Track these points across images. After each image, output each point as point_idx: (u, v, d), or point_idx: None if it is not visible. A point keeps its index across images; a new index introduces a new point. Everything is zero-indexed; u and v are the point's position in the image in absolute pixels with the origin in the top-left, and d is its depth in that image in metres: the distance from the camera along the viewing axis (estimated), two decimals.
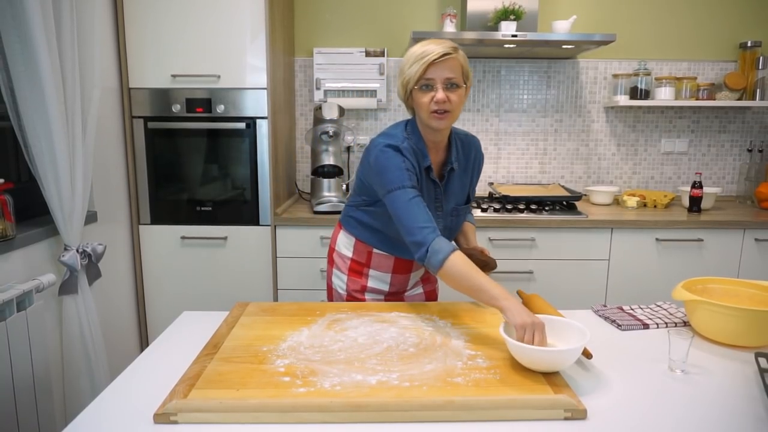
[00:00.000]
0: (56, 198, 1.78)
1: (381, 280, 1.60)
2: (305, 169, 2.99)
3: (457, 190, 1.54)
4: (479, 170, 1.62)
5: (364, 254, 1.59)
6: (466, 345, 1.21)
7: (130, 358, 1.52)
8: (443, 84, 1.35)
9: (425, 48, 1.35)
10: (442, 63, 1.34)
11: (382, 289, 1.61)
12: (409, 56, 1.38)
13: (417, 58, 1.35)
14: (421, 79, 1.35)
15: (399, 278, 1.60)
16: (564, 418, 0.97)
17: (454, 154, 1.50)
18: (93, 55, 1.92)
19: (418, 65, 1.34)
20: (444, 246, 1.28)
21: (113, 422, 0.96)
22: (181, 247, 2.47)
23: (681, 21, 2.91)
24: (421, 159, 1.44)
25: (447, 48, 1.34)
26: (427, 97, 1.36)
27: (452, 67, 1.35)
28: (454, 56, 1.35)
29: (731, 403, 1.03)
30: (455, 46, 1.37)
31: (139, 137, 2.42)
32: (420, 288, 1.68)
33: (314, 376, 1.06)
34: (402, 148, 1.40)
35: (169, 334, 1.34)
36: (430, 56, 1.33)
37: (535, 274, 2.48)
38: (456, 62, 1.36)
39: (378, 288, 1.60)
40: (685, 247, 2.47)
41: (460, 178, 1.54)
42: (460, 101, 1.38)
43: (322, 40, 2.89)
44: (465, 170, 1.56)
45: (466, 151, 1.55)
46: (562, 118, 2.99)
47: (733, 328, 1.25)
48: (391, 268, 1.59)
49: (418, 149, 1.44)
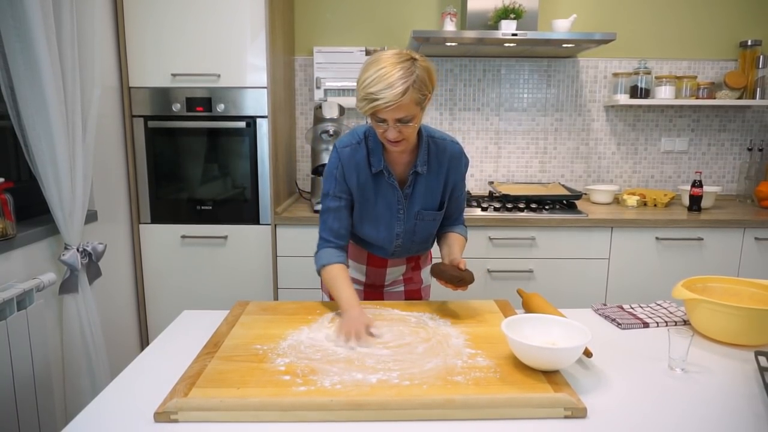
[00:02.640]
0: (56, 197, 1.78)
1: (358, 270, 1.65)
2: (305, 168, 2.99)
3: (425, 195, 1.49)
4: (459, 177, 1.53)
5: None
6: (466, 344, 1.21)
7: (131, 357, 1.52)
8: (394, 123, 1.29)
9: (374, 86, 1.24)
10: (390, 110, 1.26)
11: (359, 279, 1.66)
12: (360, 85, 1.28)
13: (365, 96, 1.26)
14: (372, 115, 1.30)
15: (374, 271, 1.63)
16: (564, 417, 0.97)
17: (422, 157, 1.45)
18: (93, 55, 1.92)
19: (367, 106, 1.27)
20: (324, 257, 1.47)
21: (114, 421, 0.96)
22: (181, 246, 2.47)
23: (681, 20, 2.91)
24: (375, 162, 1.44)
25: (395, 95, 1.23)
26: (380, 129, 1.33)
27: (403, 109, 1.26)
28: (403, 101, 1.24)
29: (731, 402, 1.03)
30: (408, 83, 1.24)
31: (140, 136, 2.42)
32: (401, 286, 1.67)
33: (314, 375, 1.06)
34: (343, 152, 1.45)
35: (169, 333, 1.35)
36: (377, 104, 1.24)
37: (535, 273, 2.48)
38: (407, 105, 1.26)
39: (355, 278, 1.65)
40: (685, 246, 2.47)
41: (428, 182, 1.48)
42: (414, 129, 1.35)
43: (322, 39, 2.89)
44: (436, 175, 1.49)
45: (439, 156, 1.48)
46: (562, 117, 2.99)
47: (733, 326, 1.25)
48: (365, 260, 1.63)
49: (374, 152, 1.44)
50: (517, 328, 1.15)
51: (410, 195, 1.49)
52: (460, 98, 2.96)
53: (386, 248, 1.55)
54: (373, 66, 1.27)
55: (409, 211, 1.50)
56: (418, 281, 1.69)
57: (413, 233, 1.54)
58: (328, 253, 1.47)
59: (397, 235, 1.52)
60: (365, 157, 1.45)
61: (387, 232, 1.51)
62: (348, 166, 1.45)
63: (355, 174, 1.45)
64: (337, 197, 1.47)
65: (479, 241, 2.45)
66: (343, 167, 1.45)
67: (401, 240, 1.54)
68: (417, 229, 1.53)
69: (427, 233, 1.56)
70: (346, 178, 1.46)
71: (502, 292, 2.43)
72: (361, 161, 1.45)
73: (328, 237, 1.49)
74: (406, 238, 1.54)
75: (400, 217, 1.50)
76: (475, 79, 2.94)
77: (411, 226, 1.52)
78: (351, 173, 1.45)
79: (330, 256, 1.46)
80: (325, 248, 1.49)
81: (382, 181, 1.46)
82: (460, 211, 1.62)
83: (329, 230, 1.49)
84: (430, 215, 1.52)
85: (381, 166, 1.44)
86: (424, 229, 1.54)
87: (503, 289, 2.47)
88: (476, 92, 2.96)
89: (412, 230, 1.53)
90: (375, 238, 1.53)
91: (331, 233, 1.49)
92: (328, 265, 1.45)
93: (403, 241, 1.54)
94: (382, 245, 1.55)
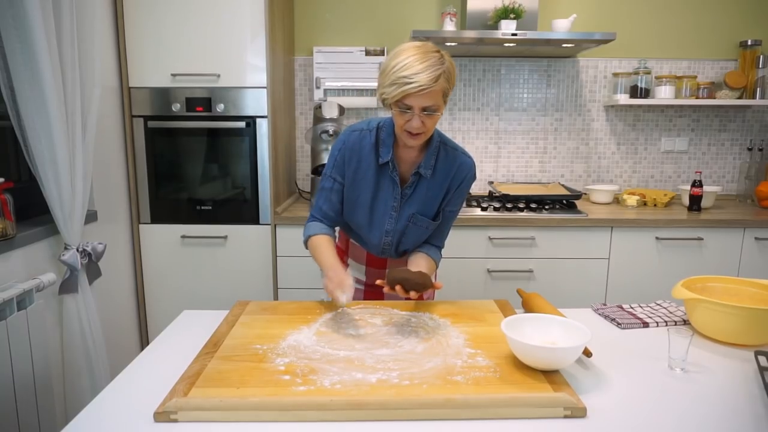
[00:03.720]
0: (56, 197, 1.78)
1: (358, 270, 1.66)
2: (305, 168, 2.99)
3: (423, 200, 1.48)
4: (460, 191, 1.51)
5: (344, 242, 1.69)
6: (465, 343, 1.21)
7: (131, 356, 1.52)
8: (420, 111, 1.30)
9: (406, 71, 1.25)
10: (421, 95, 1.27)
11: (360, 279, 1.67)
12: (390, 70, 1.29)
13: (396, 80, 1.26)
14: (399, 102, 1.30)
15: (373, 272, 1.64)
16: (564, 417, 0.97)
17: (429, 160, 1.45)
18: (93, 55, 1.92)
19: (396, 90, 1.27)
20: (311, 229, 1.52)
21: (114, 421, 0.96)
22: (181, 246, 2.47)
23: (681, 20, 2.91)
24: (383, 153, 1.44)
25: (429, 79, 1.24)
26: (403, 119, 1.33)
27: (432, 97, 1.28)
28: (434, 89, 1.26)
29: (731, 402, 1.03)
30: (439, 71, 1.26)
31: (139, 136, 2.42)
32: None
33: (314, 375, 1.06)
34: (351, 136, 1.47)
35: (169, 333, 1.35)
36: (408, 87, 1.25)
37: (535, 273, 2.48)
38: (436, 92, 1.28)
39: (357, 277, 1.66)
40: (685, 245, 2.47)
41: (429, 187, 1.47)
42: (436, 122, 1.36)
43: (321, 39, 2.89)
44: (441, 182, 1.47)
45: (447, 164, 1.47)
46: (562, 116, 2.99)
47: (733, 326, 1.25)
48: (364, 260, 1.64)
49: (384, 143, 1.45)
50: (516, 327, 1.15)
51: (408, 196, 1.49)
52: (460, 98, 2.96)
53: (375, 244, 1.55)
54: (403, 53, 1.29)
55: (403, 212, 1.49)
56: None
57: (403, 235, 1.53)
58: (315, 225, 1.53)
59: (387, 232, 1.52)
60: (373, 145, 1.45)
61: (377, 227, 1.52)
62: (352, 150, 1.46)
63: (356, 160, 1.46)
64: (332, 178, 1.50)
65: (479, 241, 2.45)
66: (345, 151, 1.47)
67: (391, 238, 1.53)
68: (408, 232, 1.52)
69: (417, 239, 1.55)
70: (346, 162, 1.47)
71: (502, 292, 2.43)
72: (367, 148, 1.46)
73: (316, 215, 1.55)
74: (395, 238, 1.53)
75: (392, 215, 1.50)
76: (474, 79, 2.94)
77: (402, 227, 1.51)
78: (352, 158, 1.46)
79: (316, 228, 1.52)
80: (313, 221, 1.55)
81: (386, 173, 1.47)
82: (442, 233, 1.57)
83: (318, 209, 1.55)
84: (424, 222, 1.51)
85: (389, 157, 1.44)
86: (415, 234, 1.53)
87: (503, 288, 2.47)
88: (476, 92, 2.95)
89: (403, 232, 1.52)
90: (365, 230, 1.53)
91: (320, 212, 1.55)
92: (313, 235, 1.51)
93: (393, 241, 1.54)
94: (370, 239, 1.55)
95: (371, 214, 1.51)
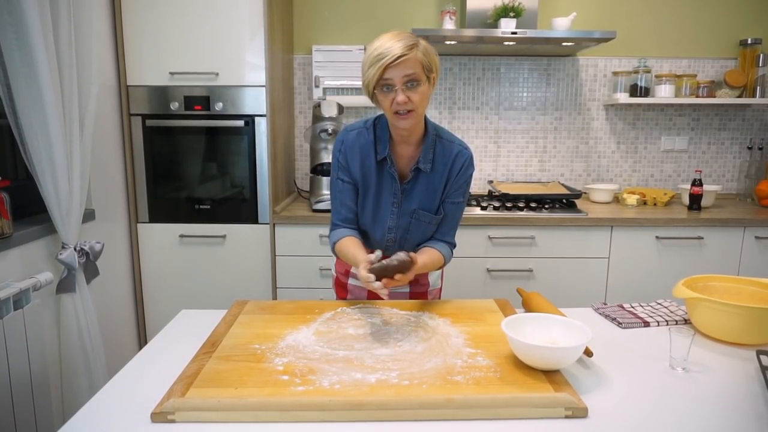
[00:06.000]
0: (54, 196, 1.77)
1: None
2: (304, 167, 2.99)
3: (424, 194, 1.48)
4: (460, 183, 1.50)
5: None
6: (465, 343, 1.21)
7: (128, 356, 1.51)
8: (402, 84, 1.32)
9: (381, 49, 1.30)
10: (398, 65, 1.29)
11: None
12: (368, 56, 1.33)
13: (373, 60, 1.31)
14: (380, 80, 1.32)
15: None
16: (565, 417, 0.96)
17: (427, 154, 1.45)
18: (90, 53, 1.91)
19: (375, 68, 1.30)
20: (335, 236, 1.51)
21: (111, 421, 0.96)
22: (179, 245, 2.47)
23: (681, 18, 2.91)
24: (380, 149, 1.45)
25: (403, 48, 1.29)
26: (388, 100, 1.35)
27: (410, 65, 1.31)
28: (409, 56, 1.30)
29: (732, 401, 1.03)
30: (413, 43, 1.32)
31: (137, 135, 2.41)
32: (406, 287, 1.62)
33: (313, 375, 1.05)
34: (348, 135, 1.48)
35: (167, 333, 1.34)
36: (385, 59, 1.29)
37: (534, 272, 2.48)
38: (413, 60, 1.31)
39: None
40: (686, 244, 2.47)
41: (429, 181, 1.48)
42: (422, 98, 1.35)
43: (320, 38, 2.88)
44: (440, 175, 1.48)
45: (444, 157, 1.47)
46: (561, 115, 2.98)
47: (734, 325, 1.24)
48: None
49: (381, 139, 1.45)
50: (517, 327, 1.14)
51: (409, 191, 1.48)
52: (459, 97, 2.95)
53: (378, 240, 1.54)
54: (378, 40, 1.34)
55: (405, 208, 1.49)
56: (425, 284, 1.65)
57: (407, 231, 1.53)
58: (337, 232, 1.52)
59: (389, 229, 1.52)
60: (371, 142, 1.46)
61: (380, 224, 1.52)
62: (351, 148, 1.47)
63: (358, 157, 1.47)
64: (340, 180, 1.51)
65: (479, 240, 2.45)
66: (345, 150, 1.48)
67: (393, 235, 1.53)
68: (411, 228, 1.52)
69: (422, 236, 1.55)
70: (348, 161, 1.48)
71: (502, 292, 2.42)
72: (366, 145, 1.47)
73: (336, 221, 1.55)
74: (399, 234, 1.53)
75: (393, 211, 1.50)
76: (474, 77, 2.93)
77: (405, 223, 1.51)
78: (354, 156, 1.47)
79: (339, 234, 1.51)
80: (335, 229, 1.54)
81: (384, 169, 1.47)
82: (450, 225, 1.55)
83: (337, 214, 1.54)
84: (426, 217, 1.51)
85: (386, 153, 1.44)
86: (419, 230, 1.53)
87: (503, 288, 2.47)
88: (476, 91, 2.95)
89: (407, 228, 1.52)
90: (370, 227, 1.54)
91: (338, 217, 1.54)
92: (339, 240, 1.49)
93: (396, 238, 1.54)
94: (373, 236, 1.55)
95: (374, 212, 1.51)
